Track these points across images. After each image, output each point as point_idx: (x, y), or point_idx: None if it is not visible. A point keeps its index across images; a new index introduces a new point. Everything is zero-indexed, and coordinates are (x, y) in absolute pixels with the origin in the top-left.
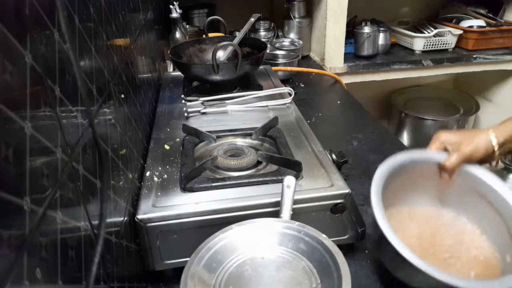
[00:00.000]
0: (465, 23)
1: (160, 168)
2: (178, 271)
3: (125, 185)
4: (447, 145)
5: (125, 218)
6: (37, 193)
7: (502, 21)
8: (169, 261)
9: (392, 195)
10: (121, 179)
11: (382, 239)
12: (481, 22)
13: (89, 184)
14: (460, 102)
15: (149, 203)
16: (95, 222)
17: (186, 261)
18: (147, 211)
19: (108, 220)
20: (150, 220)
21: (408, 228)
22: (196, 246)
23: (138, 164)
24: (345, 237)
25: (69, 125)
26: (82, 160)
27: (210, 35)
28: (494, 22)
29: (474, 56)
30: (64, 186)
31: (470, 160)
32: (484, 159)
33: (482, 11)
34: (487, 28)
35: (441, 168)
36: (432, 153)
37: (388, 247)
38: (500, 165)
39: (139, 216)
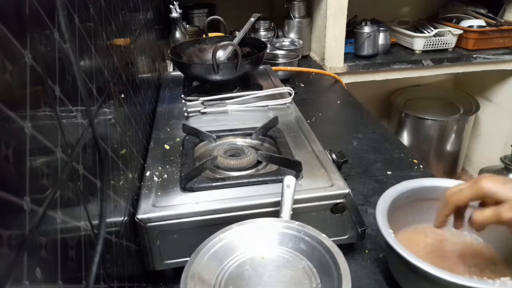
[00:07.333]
0: (465, 23)
1: (160, 168)
2: (178, 271)
3: (125, 185)
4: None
5: (125, 218)
6: (37, 193)
7: (502, 21)
8: (169, 261)
9: (398, 220)
10: (121, 179)
11: (390, 250)
12: (481, 22)
13: (89, 184)
14: (460, 102)
15: (149, 203)
16: (95, 222)
17: (186, 261)
18: (147, 211)
19: (108, 220)
20: (150, 220)
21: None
22: (196, 246)
23: (138, 164)
24: (345, 237)
25: (69, 125)
26: (82, 160)
27: (210, 35)
28: (494, 22)
29: (474, 56)
30: (64, 186)
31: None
32: None
33: (482, 11)
34: (487, 28)
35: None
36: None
37: (395, 256)
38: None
39: (139, 216)
